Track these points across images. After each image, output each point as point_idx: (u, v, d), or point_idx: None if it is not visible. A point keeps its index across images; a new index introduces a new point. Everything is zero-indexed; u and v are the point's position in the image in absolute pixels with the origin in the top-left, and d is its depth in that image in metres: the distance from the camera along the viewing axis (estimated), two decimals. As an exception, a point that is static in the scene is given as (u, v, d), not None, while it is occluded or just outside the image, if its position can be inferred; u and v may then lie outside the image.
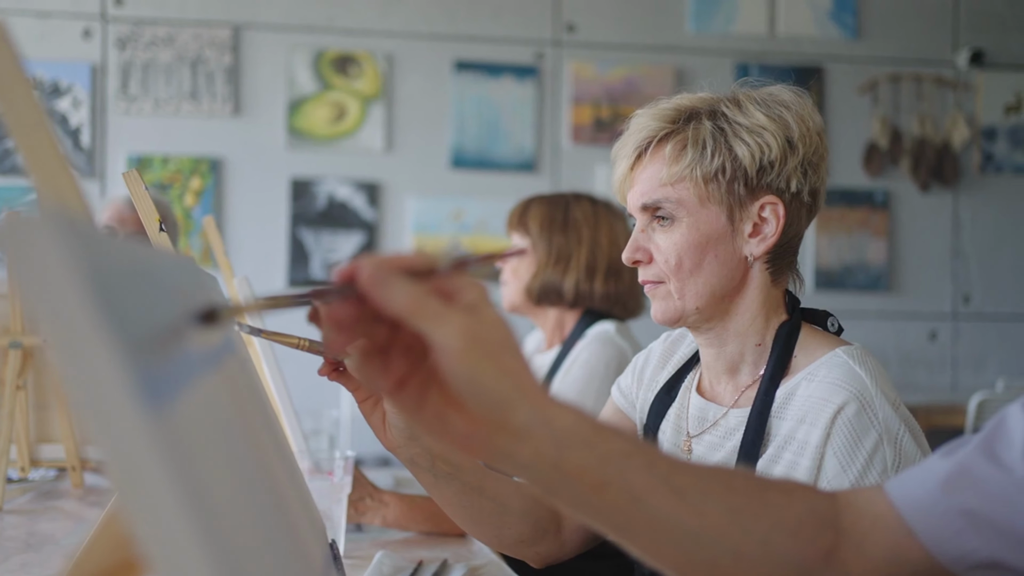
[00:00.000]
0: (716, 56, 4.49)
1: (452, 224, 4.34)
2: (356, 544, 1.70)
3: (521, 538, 1.25)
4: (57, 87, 4.08)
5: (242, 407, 0.62)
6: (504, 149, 4.40)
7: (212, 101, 4.18)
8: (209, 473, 0.41)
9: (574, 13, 4.43)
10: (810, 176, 1.24)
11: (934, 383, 4.68)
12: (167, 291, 0.51)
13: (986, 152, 4.71)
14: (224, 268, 1.89)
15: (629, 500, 0.68)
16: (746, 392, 1.25)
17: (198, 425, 0.43)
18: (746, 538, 0.73)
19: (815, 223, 4.61)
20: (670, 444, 1.33)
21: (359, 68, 4.30)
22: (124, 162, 4.11)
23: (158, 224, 1.21)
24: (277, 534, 0.52)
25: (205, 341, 0.57)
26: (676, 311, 1.24)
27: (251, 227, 4.23)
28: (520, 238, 2.08)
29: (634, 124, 1.26)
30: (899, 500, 0.78)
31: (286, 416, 1.76)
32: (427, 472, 1.10)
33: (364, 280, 0.60)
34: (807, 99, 1.25)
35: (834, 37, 4.60)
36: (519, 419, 0.63)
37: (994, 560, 0.74)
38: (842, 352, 1.17)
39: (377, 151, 4.31)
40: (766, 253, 1.23)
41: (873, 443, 1.10)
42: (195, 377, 0.48)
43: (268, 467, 0.61)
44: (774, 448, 1.17)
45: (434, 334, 0.60)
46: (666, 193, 1.22)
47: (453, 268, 0.64)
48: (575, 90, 4.42)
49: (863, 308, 4.62)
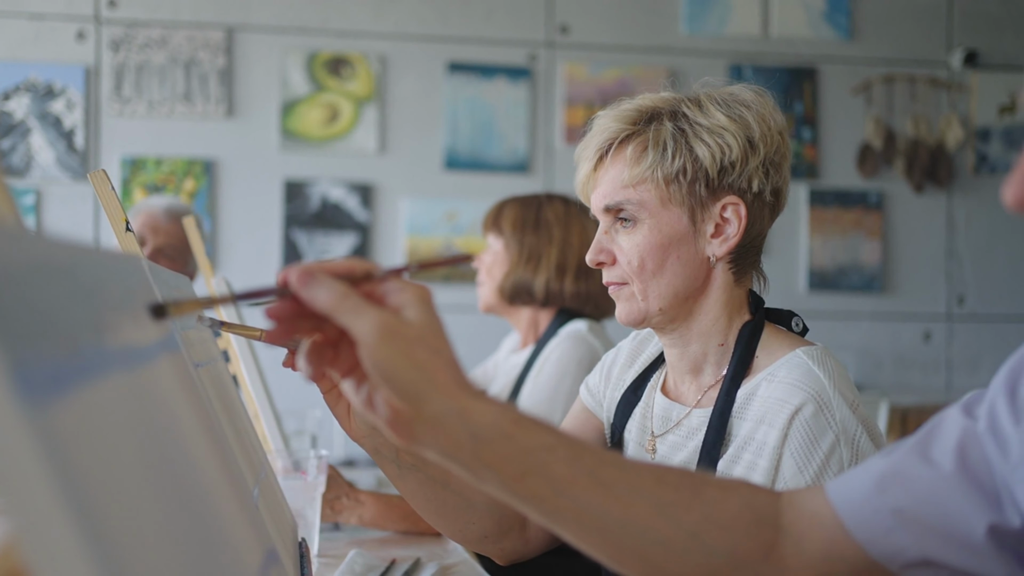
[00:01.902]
0: (709, 57, 4.49)
1: (446, 225, 4.35)
2: (332, 543, 1.71)
3: (485, 534, 1.25)
4: (51, 89, 4.10)
5: (168, 407, 0.63)
6: (497, 150, 4.41)
7: (205, 103, 4.20)
8: (98, 472, 0.42)
9: (567, 14, 4.43)
10: (772, 176, 1.24)
11: (928, 384, 4.67)
12: (81, 289, 0.51)
13: (980, 153, 4.70)
14: (204, 268, 1.90)
15: (551, 490, 0.71)
16: (709, 392, 1.25)
17: (92, 424, 0.44)
18: (675, 529, 0.74)
19: (808, 224, 4.65)
20: (635, 443, 1.34)
21: (352, 70, 4.31)
22: (118, 164, 4.13)
23: (124, 224, 1.22)
24: (185, 539, 0.53)
25: (124, 340, 0.57)
26: (640, 312, 1.25)
27: (245, 228, 4.24)
28: (494, 239, 2.09)
29: (596, 125, 1.27)
30: (835, 498, 0.79)
31: (264, 416, 1.77)
32: (391, 463, 1.12)
33: (293, 280, 0.68)
34: (768, 98, 1.26)
35: (828, 38, 4.60)
36: (432, 409, 0.68)
37: (925, 558, 0.74)
38: (802, 352, 1.18)
39: (370, 152, 4.32)
40: (728, 253, 1.24)
41: (830, 444, 1.10)
42: (99, 376, 0.48)
43: (191, 470, 0.61)
44: (734, 448, 1.18)
45: (352, 327, 0.67)
46: (628, 195, 1.23)
47: (389, 274, 0.71)
48: (568, 91, 4.43)
49: (857, 309, 4.62)
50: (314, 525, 1.59)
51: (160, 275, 1.09)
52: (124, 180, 4.14)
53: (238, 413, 1.27)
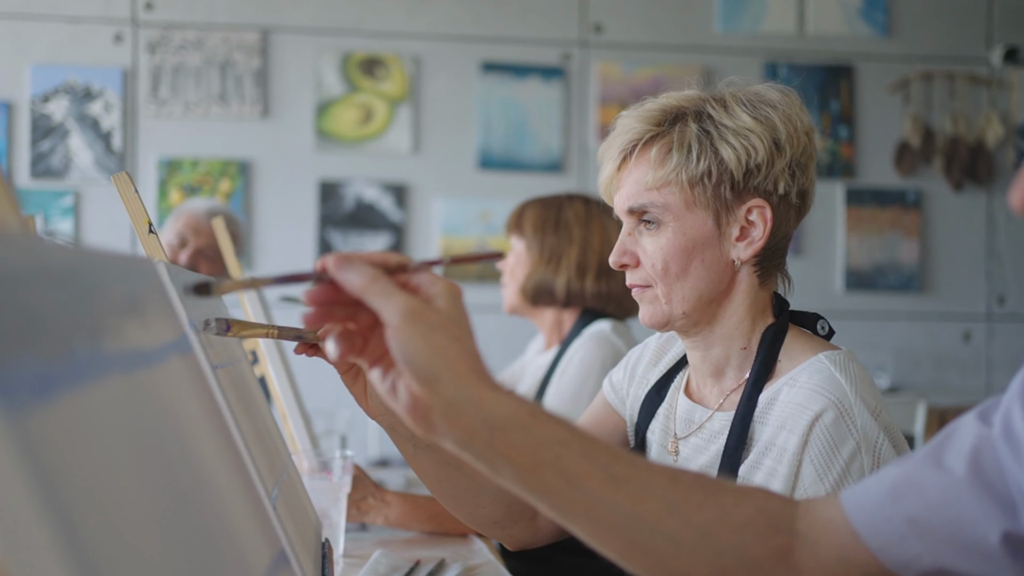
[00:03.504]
0: (744, 56, 4.46)
1: (479, 225, 4.35)
2: (359, 543, 1.71)
3: (494, 519, 1.26)
4: (89, 91, 4.14)
5: (174, 409, 0.63)
6: (531, 150, 4.41)
7: (241, 104, 4.23)
8: (83, 477, 0.42)
9: (601, 13, 4.42)
10: (798, 177, 1.22)
11: (967, 385, 4.61)
12: (77, 292, 0.51)
13: (1021, 150, 4.63)
14: (233, 269, 1.91)
15: (564, 483, 0.72)
16: (731, 395, 1.24)
17: (80, 428, 0.44)
18: (686, 528, 0.74)
19: (845, 223, 4.60)
20: (658, 444, 1.33)
21: (386, 70, 4.32)
22: (155, 165, 4.17)
23: (148, 226, 1.23)
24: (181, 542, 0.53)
25: (126, 342, 0.57)
26: (663, 315, 1.24)
27: (280, 229, 4.26)
28: (517, 240, 2.09)
29: (620, 125, 1.26)
30: (849, 506, 0.78)
31: (291, 417, 1.78)
32: (407, 442, 1.14)
33: (330, 264, 0.73)
34: (795, 98, 1.24)
35: (864, 35, 4.55)
36: (448, 394, 0.69)
37: (939, 566, 0.73)
38: (824, 357, 1.16)
39: (404, 153, 4.33)
40: (754, 256, 1.22)
41: (850, 451, 1.08)
42: (92, 379, 0.48)
43: (193, 473, 0.61)
44: (755, 454, 1.16)
45: (381, 309, 0.70)
46: (652, 198, 1.22)
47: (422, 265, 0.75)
48: (602, 91, 4.41)
49: (895, 309, 4.56)
50: (339, 526, 1.59)
51: (181, 276, 1.09)
52: (161, 181, 4.18)
53: (261, 414, 1.27)
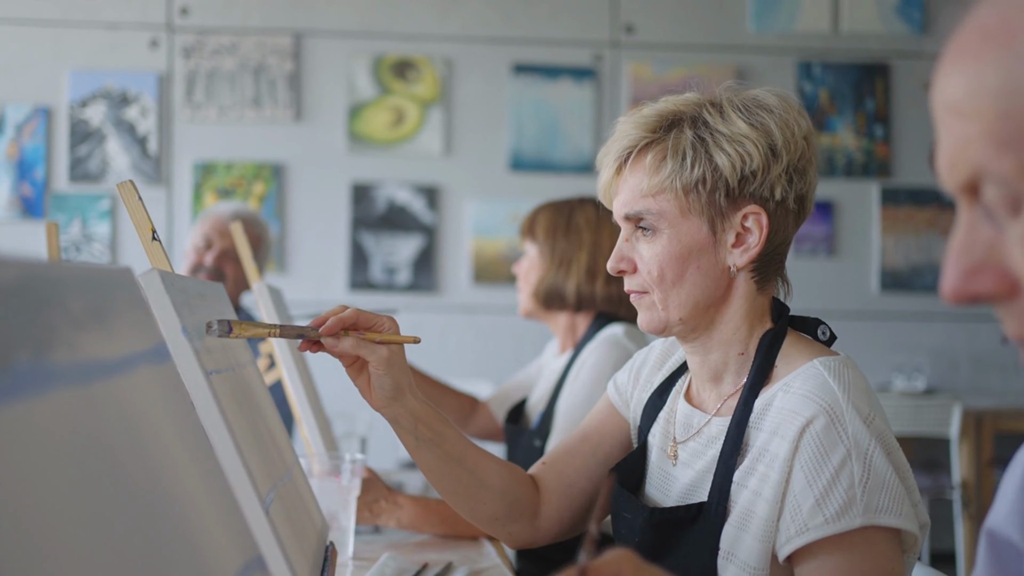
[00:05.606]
0: (777, 55, 4.43)
1: (511, 226, 4.36)
2: (370, 546, 1.73)
3: (495, 515, 1.33)
4: (126, 96, 4.21)
5: (135, 419, 0.65)
6: (562, 151, 4.41)
7: (274, 107, 4.27)
8: (14, 491, 0.43)
9: (632, 14, 4.41)
10: (796, 183, 1.22)
11: (1007, 387, 4.54)
12: (21, 307, 0.53)
13: None
14: (251, 272, 1.94)
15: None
16: (728, 401, 1.24)
17: (13, 442, 0.45)
18: None
19: (880, 223, 4.55)
20: (659, 448, 1.33)
21: (417, 72, 4.35)
22: (190, 168, 4.22)
23: (151, 234, 1.25)
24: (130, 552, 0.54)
25: (82, 355, 0.59)
26: (660, 321, 1.24)
27: (312, 231, 4.30)
28: (530, 244, 2.10)
29: (617, 131, 1.26)
30: None
31: (305, 420, 1.80)
32: (410, 434, 1.25)
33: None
34: (793, 102, 1.23)
35: (900, 32, 4.50)
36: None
37: None
38: (819, 363, 1.15)
39: (436, 155, 4.35)
40: (750, 263, 1.22)
41: (840, 458, 1.07)
42: (33, 393, 0.50)
43: (152, 482, 0.63)
44: (750, 459, 1.16)
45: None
46: (647, 204, 1.22)
47: None
48: (634, 91, 4.41)
49: (932, 310, 4.51)
50: (347, 529, 1.61)
51: (177, 283, 1.11)
52: (196, 184, 4.23)
53: (264, 419, 1.29)
